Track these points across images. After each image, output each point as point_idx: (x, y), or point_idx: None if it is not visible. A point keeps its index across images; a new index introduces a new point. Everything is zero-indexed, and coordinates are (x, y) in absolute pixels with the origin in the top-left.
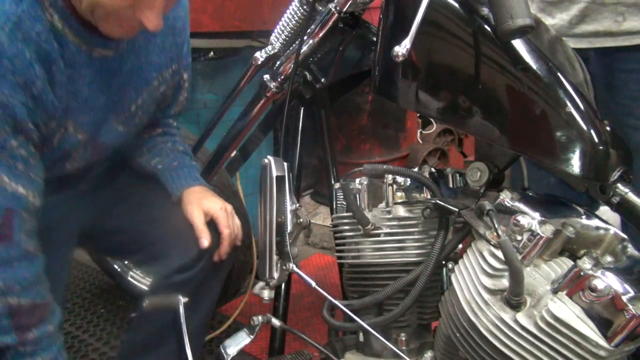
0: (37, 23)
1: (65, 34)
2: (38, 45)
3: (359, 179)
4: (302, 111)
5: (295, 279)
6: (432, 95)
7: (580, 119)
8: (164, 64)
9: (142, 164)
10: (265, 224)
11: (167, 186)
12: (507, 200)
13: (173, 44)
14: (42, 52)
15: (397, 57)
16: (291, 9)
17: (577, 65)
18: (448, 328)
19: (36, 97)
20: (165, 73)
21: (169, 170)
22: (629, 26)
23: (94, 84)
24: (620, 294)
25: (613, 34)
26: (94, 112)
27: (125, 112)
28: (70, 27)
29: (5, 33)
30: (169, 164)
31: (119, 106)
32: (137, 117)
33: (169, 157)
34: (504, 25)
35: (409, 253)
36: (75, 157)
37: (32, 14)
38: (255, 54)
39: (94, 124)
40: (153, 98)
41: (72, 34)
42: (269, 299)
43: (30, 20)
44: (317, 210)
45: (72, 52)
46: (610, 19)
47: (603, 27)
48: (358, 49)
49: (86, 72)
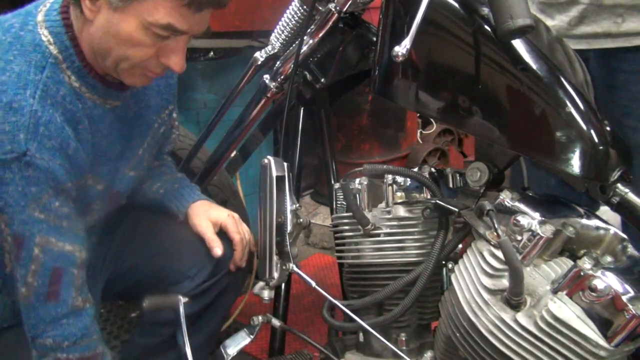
0: (60, 87)
1: (83, 92)
2: (64, 107)
3: (359, 179)
4: (302, 111)
5: (295, 279)
6: (432, 95)
7: (580, 119)
8: (161, 106)
9: (143, 191)
10: (265, 224)
11: (171, 208)
12: (507, 200)
13: (167, 85)
14: (69, 114)
15: (397, 57)
16: (291, 9)
17: (577, 65)
18: (448, 328)
19: (71, 157)
20: (163, 114)
21: (171, 192)
22: (627, 28)
23: (110, 135)
24: (620, 294)
25: (612, 35)
26: (111, 162)
27: (136, 158)
28: (87, 85)
29: (37, 101)
30: (170, 187)
31: (129, 152)
32: (145, 160)
33: (169, 181)
34: (504, 25)
35: (409, 253)
36: (94, 208)
37: (55, 79)
38: (255, 54)
39: (110, 173)
40: (156, 140)
41: (89, 91)
42: (269, 299)
43: (55, 85)
44: (317, 210)
45: (90, 109)
46: (609, 20)
47: (602, 29)
48: (358, 49)
49: (103, 126)
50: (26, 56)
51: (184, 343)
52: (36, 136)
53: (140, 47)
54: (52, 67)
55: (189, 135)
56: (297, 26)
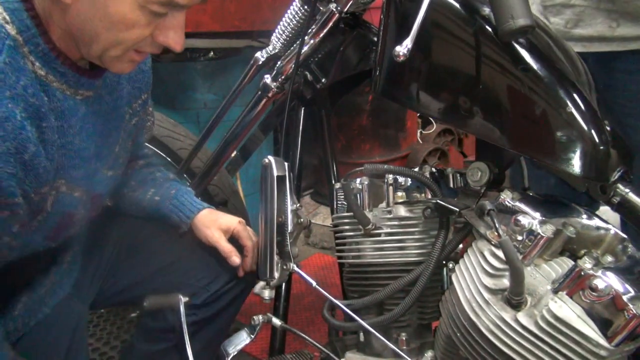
0: (21, 75)
1: (50, 81)
2: (26, 101)
3: (360, 179)
4: (302, 111)
5: (295, 279)
6: (432, 95)
7: (580, 119)
8: (133, 95)
9: (137, 199)
10: (266, 224)
11: (171, 217)
12: (508, 200)
13: (139, 72)
14: (32, 109)
15: (398, 57)
16: (292, 9)
17: (578, 65)
18: (449, 328)
19: (27, 163)
20: (135, 104)
21: (169, 200)
22: (622, 32)
23: (83, 132)
24: (620, 294)
25: (607, 39)
26: (86, 163)
27: (112, 155)
28: (54, 72)
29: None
30: (166, 194)
31: (105, 150)
32: (121, 157)
33: (164, 186)
34: (504, 25)
35: (410, 253)
36: (76, 217)
37: (14, 66)
38: (256, 54)
39: (87, 176)
40: (128, 133)
41: (57, 79)
42: (269, 298)
43: (14, 73)
44: (317, 210)
45: (59, 101)
46: (604, 24)
47: (597, 32)
48: (359, 49)
49: (74, 121)
50: None
51: (185, 343)
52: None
53: (135, 29)
54: (10, 51)
55: (189, 135)
56: (298, 26)
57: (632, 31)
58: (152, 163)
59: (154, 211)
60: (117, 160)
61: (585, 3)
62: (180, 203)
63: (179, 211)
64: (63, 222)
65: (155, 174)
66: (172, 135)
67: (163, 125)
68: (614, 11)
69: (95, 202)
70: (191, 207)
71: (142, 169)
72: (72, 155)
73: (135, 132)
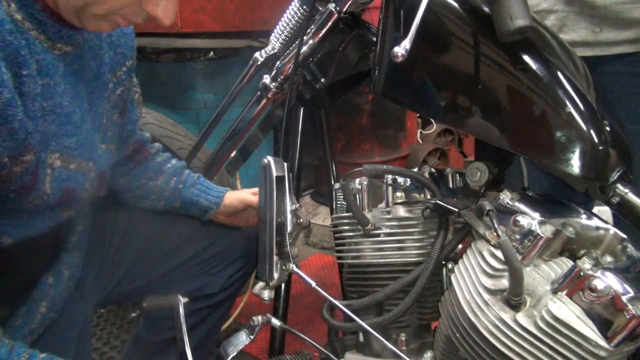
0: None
1: (27, 28)
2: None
3: (359, 179)
4: (302, 111)
5: (295, 279)
6: (432, 95)
7: (580, 119)
8: (117, 62)
9: (159, 188)
10: (265, 224)
11: (198, 201)
12: (507, 200)
13: (122, 35)
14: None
15: (397, 57)
16: (291, 9)
17: (577, 65)
18: (448, 328)
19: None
20: (119, 72)
21: (193, 185)
22: (606, 37)
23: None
24: (620, 294)
25: (591, 44)
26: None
27: (102, 126)
28: (31, 19)
29: None
30: (189, 180)
31: (95, 119)
32: (110, 130)
33: (184, 173)
34: (503, 26)
35: (409, 253)
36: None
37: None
38: (256, 54)
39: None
40: (112, 104)
41: (34, 27)
42: (269, 299)
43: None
44: (317, 210)
45: (39, 53)
46: (587, 29)
47: (581, 38)
48: (358, 49)
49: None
50: None
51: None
52: None
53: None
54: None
55: (189, 135)
56: (297, 26)
57: (615, 36)
58: (160, 150)
59: (178, 198)
60: (107, 133)
61: (568, 9)
62: (205, 187)
63: (207, 194)
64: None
65: (170, 162)
66: (172, 135)
67: (162, 126)
68: (596, 17)
69: (98, 179)
70: (217, 189)
71: (154, 156)
72: (63, 120)
73: (121, 105)
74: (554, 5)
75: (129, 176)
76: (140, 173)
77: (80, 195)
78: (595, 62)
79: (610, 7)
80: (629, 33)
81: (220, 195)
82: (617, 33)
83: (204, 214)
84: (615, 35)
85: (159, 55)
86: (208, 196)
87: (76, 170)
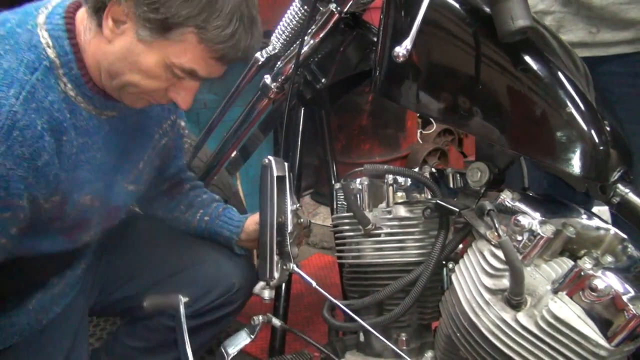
0: (50, 92)
1: (78, 102)
2: (50, 114)
3: (360, 179)
4: (302, 111)
5: (295, 279)
6: (432, 95)
7: (580, 119)
8: (162, 116)
9: (187, 221)
10: (266, 224)
11: (222, 232)
12: (508, 200)
13: None
14: (54, 122)
15: (398, 57)
16: (292, 9)
17: (577, 65)
18: (449, 328)
19: (39, 169)
20: (164, 125)
21: (217, 218)
22: (603, 38)
23: (105, 147)
24: (620, 294)
25: (588, 45)
26: (107, 176)
27: (134, 171)
28: (83, 95)
29: (19, 102)
30: (214, 213)
31: (127, 165)
32: (145, 173)
33: (211, 206)
34: (504, 26)
35: (410, 253)
36: (92, 225)
37: (45, 83)
38: (256, 54)
39: (107, 188)
40: (157, 152)
41: (85, 101)
42: (269, 299)
43: (44, 90)
44: (317, 210)
45: (84, 119)
46: (584, 30)
47: (578, 38)
48: (358, 50)
49: (97, 138)
50: (18, 54)
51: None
52: (7, 139)
53: (154, 80)
54: (45, 71)
55: (189, 135)
56: (297, 26)
57: (612, 36)
58: (197, 186)
59: (204, 230)
60: (141, 176)
61: (565, 10)
62: (228, 219)
63: (229, 225)
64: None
65: (202, 196)
66: None
67: None
68: (593, 17)
69: (113, 213)
70: (238, 219)
71: (189, 192)
72: (95, 169)
73: (165, 152)
74: (550, 7)
75: (163, 208)
76: (174, 206)
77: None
78: (593, 63)
79: (607, 7)
80: (626, 34)
81: (240, 224)
82: (614, 34)
83: (229, 243)
84: (613, 36)
85: None
86: (230, 227)
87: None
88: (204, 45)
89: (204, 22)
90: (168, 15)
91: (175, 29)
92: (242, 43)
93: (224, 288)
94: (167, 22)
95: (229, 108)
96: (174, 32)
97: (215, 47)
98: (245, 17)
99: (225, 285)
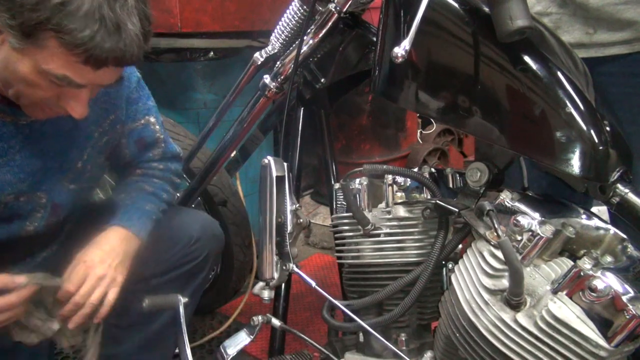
0: None
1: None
2: None
3: (359, 179)
4: (302, 111)
5: (295, 279)
6: (432, 95)
7: (580, 119)
8: (100, 116)
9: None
10: (265, 224)
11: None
12: (507, 200)
13: (104, 94)
14: None
15: (397, 57)
16: (291, 9)
17: (577, 65)
18: (448, 328)
19: None
20: (104, 124)
21: (119, 205)
22: (600, 38)
23: (26, 150)
24: (620, 294)
25: (585, 46)
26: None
27: (73, 170)
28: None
29: None
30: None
31: (65, 165)
32: (87, 172)
33: (130, 194)
34: (503, 27)
35: (409, 253)
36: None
37: None
38: (255, 54)
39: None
40: (98, 150)
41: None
42: (269, 299)
43: None
44: (317, 210)
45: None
46: (581, 31)
47: (575, 39)
48: (358, 50)
49: (14, 142)
50: None
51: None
52: None
53: (37, 89)
54: None
55: (189, 135)
56: (297, 26)
57: (609, 37)
58: (147, 174)
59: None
60: (81, 175)
61: (562, 11)
62: (120, 210)
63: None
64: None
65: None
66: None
67: None
68: (590, 18)
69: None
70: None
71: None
72: (16, 171)
73: (109, 149)
74: (547, 8)
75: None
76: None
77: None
78: (591, 64)
79: (604, 8)
80: (623, 34)
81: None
82: (611, 34)
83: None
84: (610, 37)
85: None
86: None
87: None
88: (65, 48)
89: (58, 25)
90: (23, 20)
91: (36, 34)
92: (106, 45)
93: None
94: (26, 27)
95: (229, 108)
96: (38, 38)
97: (76, 50)
98: (107, 19)
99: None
